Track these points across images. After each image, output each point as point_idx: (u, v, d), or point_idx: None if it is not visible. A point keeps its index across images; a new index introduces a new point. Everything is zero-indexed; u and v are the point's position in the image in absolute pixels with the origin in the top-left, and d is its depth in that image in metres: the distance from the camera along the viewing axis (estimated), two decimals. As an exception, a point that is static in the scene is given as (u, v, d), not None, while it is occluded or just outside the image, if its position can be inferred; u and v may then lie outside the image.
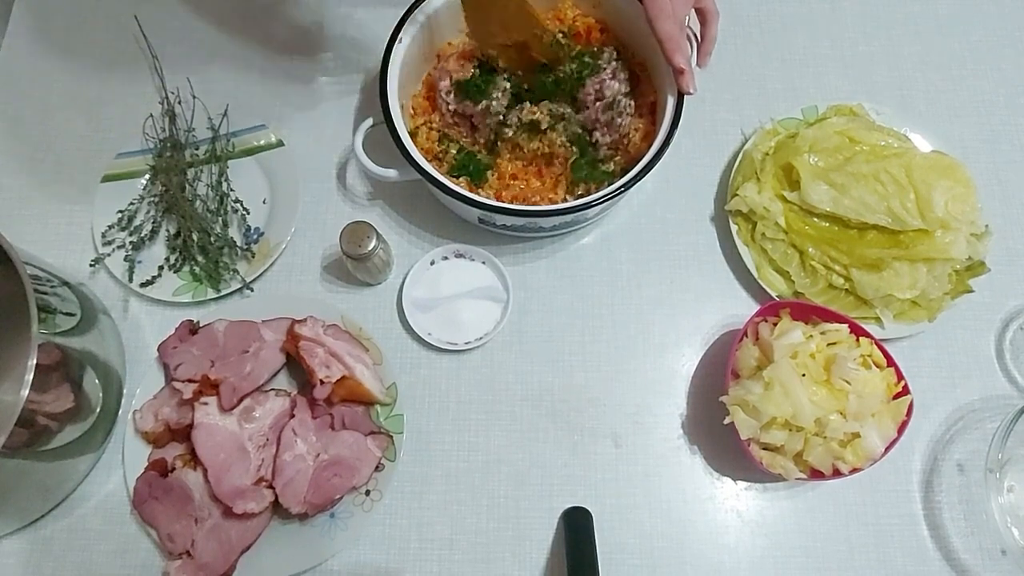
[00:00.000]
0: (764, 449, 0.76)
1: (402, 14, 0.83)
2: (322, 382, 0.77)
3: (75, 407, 0.72)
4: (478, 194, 0.80)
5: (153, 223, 0.87)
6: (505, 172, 0.85)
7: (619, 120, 0.82)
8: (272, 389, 0.81)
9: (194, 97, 0.93)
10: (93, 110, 0.95)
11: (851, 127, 0.88)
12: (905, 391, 0.77)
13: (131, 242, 0.86)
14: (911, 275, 0.82)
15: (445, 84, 0.84)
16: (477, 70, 0.84)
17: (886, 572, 0.78)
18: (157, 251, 0.87)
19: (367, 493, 0.77)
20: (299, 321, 0.81)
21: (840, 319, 0.79)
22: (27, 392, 0.64)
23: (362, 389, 0.79)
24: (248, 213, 0.88)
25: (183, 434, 0.78)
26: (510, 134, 0.83)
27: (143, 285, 0.84)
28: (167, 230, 0.88)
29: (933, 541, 0.79)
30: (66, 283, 0.77)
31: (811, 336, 0.77)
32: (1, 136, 0.93)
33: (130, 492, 0.77)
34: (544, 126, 0.82)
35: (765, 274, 0.86)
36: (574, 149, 0.83)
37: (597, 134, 0.84)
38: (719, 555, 0.78)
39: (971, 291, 0.84)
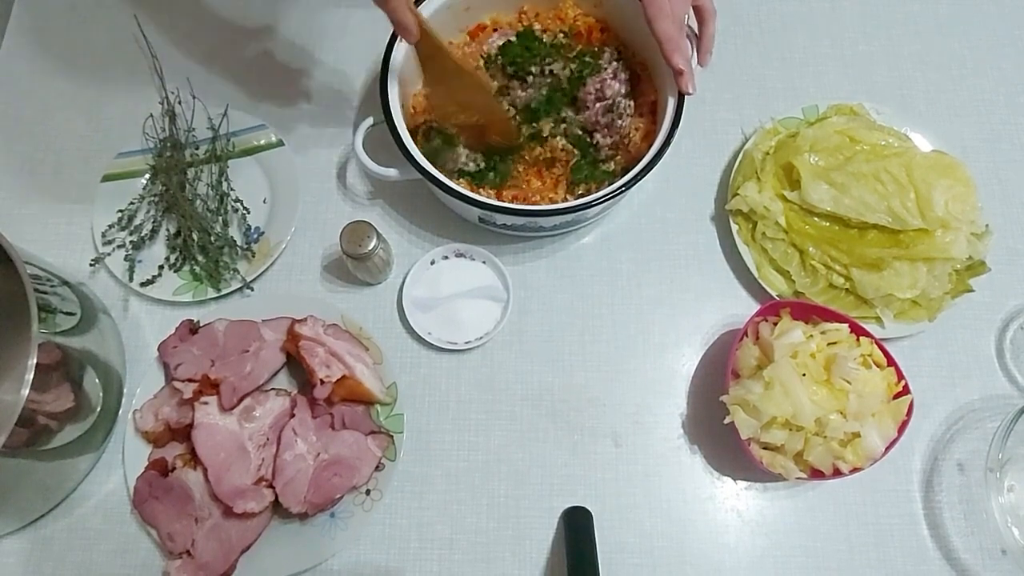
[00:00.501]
0: (764, 449, 0.76)
1: (402, 13, 0.83)
2: (322, 382, 0.77)
3: (75, 407, 0.72)
4: (478, 193, 0.80)
5: (153, 223, 0.87)
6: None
7: (619, 122, 0.82)
8: (272, 389, 0.81)
9: (194, 97, 0.93)
10: (93, 110, 0.95)
11: (851, 126, 0.88)
12: (905, 391, 0.76)
13: (131, 241, 0.86)
14: (911, 274, 0.81)
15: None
16: (437, 137, 0.83)
17: (886, 572, 0.78)
18: (157, 251, 0.87)
19: (367, 493, 0.77)
20: (299, 320, 0.81)
21: (840, 319, 0.79)
22: (27, 392, 0.64)
23: (362, 389, 0.79)
24: (248, 212, 0.88)
25: (183, 434, 0.78)
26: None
27: (143, 284, 0.84)
28: (167, 230, 0.88)
29: (933, 541, 0.79)
30: (66, 283, 0.77)
31: (811, 336, 0.77)
32: (1, 136, 0.93)
33: (130, 492, 0.77)
34: (545, 133, 0.82)
35: (765, 274, 0.86)
36: (575, 151, 0.83)
37: (598, 136, 0.84)
38: (719, 554, 0.78)
39: (971, 290, 0.84)
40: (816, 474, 0.75)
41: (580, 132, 0.84)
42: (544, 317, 0.86)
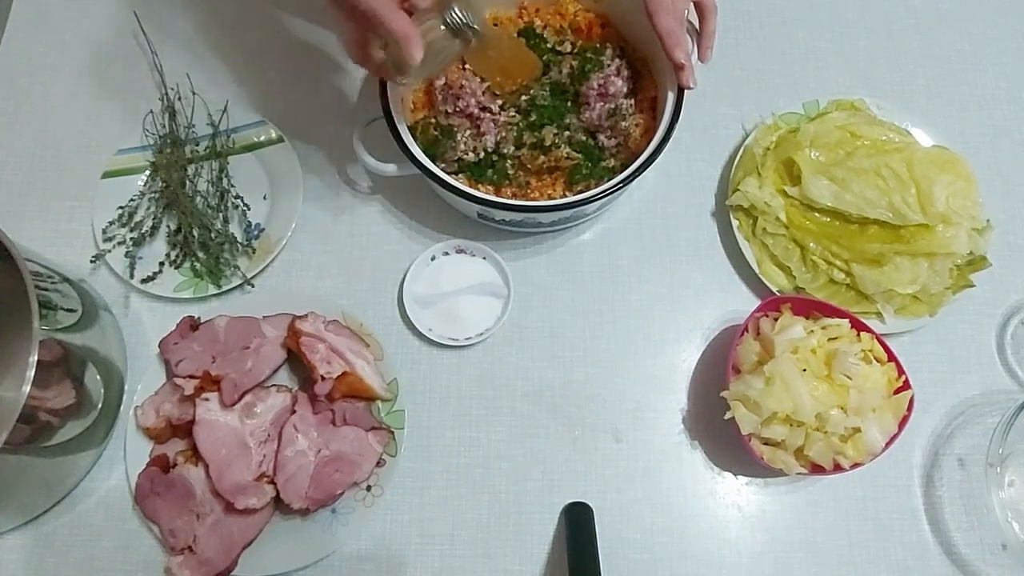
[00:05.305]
0: (765, 444, 0.76)
1: (402, 9, 0.83)
2: (323, 378, 0.77)
3: (76, 403, 0.72)
4: (477, 189, 0.80)
5: (154, 219, 0.87)
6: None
7: (623, 124, 0.82)
8: (273, 385, 0.81)
9: (194, 93, 0.93)
10: (93, 106, 0.94)
11: (852, 122, 0.88)
12: (906, 386, 0.77)
13: (132, 238, 0.86)
14: (912, 270, 0.81)
15: (440, 83, 0.84)
16: (436, 130, 0.83)
17: (886, 567, 0.78)
18: (158, 247, 0.87)
19: (368, 488, 0.78)
20: (300, 317, 0.81)
21: (841, 314, 0.79)
22: (29, 388, 0.64)
23: (363, 385, 0.79)
24: (249, 209, 0.88)
25: (184, 430, 0.78)
26: (512, 151, 0.83)
27: (144, 281, 0.84)
28: (168, 226, 0.88)
29: (933, 536, 0.79)
30: (67, 279, 0.77)
31: (812, 331, 0.77)
32: (1, 132, 0.93)
33: (132, 488, 0.77)
34: (548, 143, 0.82)
35: (766, 269, 0.86)
36: (579, 156, 0.83)
37: (602, 137, 0.83)
38: (720, 550, 0.78)
39: (972, 286, 0.84)
40: (816, 469, 0.75)
41: (584, 138, 0.84)
42: (545, 313, 0.86)
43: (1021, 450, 0.79)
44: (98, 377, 0.77)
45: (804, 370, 0.75)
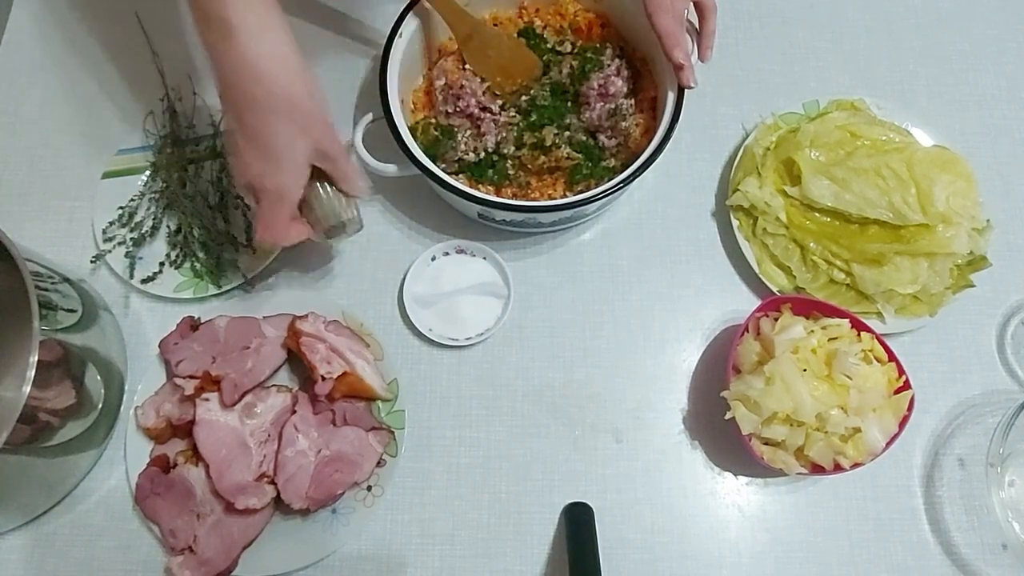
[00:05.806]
0: (765, 444, 0.76)
1: (402, 9, 0.83)
2: (323, 378, 0.77)
3: (77, 403, 0.72)
4: (478, 190, 0.80)
5: (154, 219, 0.87)
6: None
7: (623, 124, 0.82)
8: (273, 385, 0.81)
9: (194, 93, 0.93)
10: (93, 106, 0.94)
11: (852, 122, 0.88)
12: (906, 386, 0.77)
13: (132, 238, 0.86)
14: (912, 270, 0.81)
15: (441, 83, 0.84)
16: (436, 130, 0.84)
17: (887, 567, 0.78)
18: (158, 247, 0.87)
19: (368, 488, 0.78)
20: (300, 317, 0.81)
21: (841, 314, 0.79)
22: (29, 388, 0.64)
23: (363, 385, 0.79)
24: (249, 209, 0.88)
25: (185, 430, 0.78)
26: (512, 151, 0.83)
27: (144, 281, 0.84)
28: (168, 226, 0.88)
29: (934, 536, 0.79)
30: (67, 279, 0.77)
31: (812, 331, 0.77)
32: (1, 132, 0.93)
33: (132, 488, 0.77)
34: (548, 143, 0.82)
35: (766, 269, 0.86)
36: (579, 156, 0.83)
37: (602, 137, 0.84)
38: (720, 550, 0.78)
39: (972, 285, 0.84)
40: (817, 469, 0.75)
41: (584, 138, 0.84)
42: (545, 313, 0.86)
43: (1021, 450, 0.79)
44: (98, 377, 0.77)
45: (804, 370, 0.75)
